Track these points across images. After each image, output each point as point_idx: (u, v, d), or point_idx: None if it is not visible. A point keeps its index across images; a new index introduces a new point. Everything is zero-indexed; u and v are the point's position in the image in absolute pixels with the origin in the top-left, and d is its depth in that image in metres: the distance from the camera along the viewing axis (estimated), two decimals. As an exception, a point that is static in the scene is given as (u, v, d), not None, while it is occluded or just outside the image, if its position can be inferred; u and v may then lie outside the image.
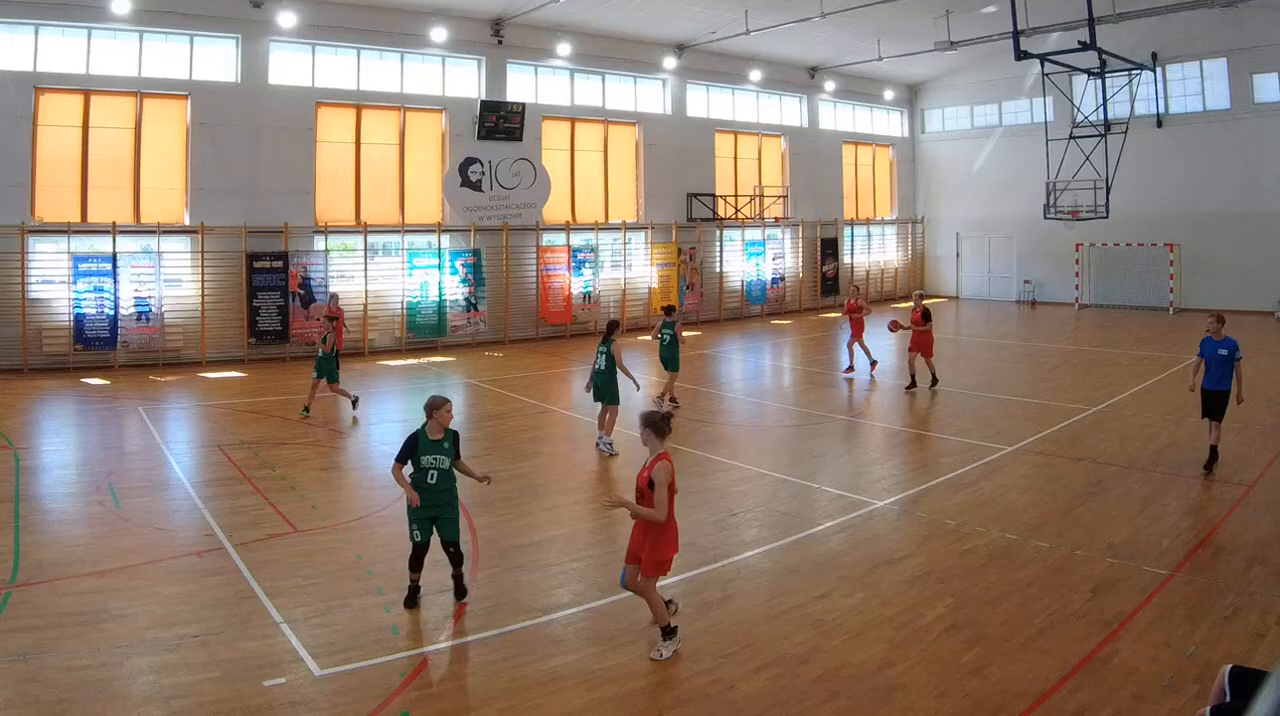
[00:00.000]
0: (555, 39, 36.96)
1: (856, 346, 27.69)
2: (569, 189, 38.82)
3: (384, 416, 22.86)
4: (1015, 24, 28.72)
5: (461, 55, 35.63)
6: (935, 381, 24.36)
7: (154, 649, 9.47)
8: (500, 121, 35.90)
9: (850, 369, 27.52)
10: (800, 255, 46.31)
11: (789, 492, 15.36)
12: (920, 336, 24.28)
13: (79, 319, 28.51)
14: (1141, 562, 11.86)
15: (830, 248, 47.11)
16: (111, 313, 28.77)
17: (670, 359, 22.24)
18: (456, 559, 10.78)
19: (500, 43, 36.00)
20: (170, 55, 30.39)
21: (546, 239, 37.55)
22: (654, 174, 40.74)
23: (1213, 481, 15.68)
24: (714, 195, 42.24)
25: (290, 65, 32.42)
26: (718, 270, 42.88)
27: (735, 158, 44.07)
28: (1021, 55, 29.43)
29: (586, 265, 38.07)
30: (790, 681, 8.92)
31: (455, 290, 34.85)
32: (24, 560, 11.90)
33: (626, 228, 39.65)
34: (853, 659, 9.31)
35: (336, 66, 33.39)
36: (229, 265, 30.83)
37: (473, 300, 35.12)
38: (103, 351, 28.72)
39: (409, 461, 10.70)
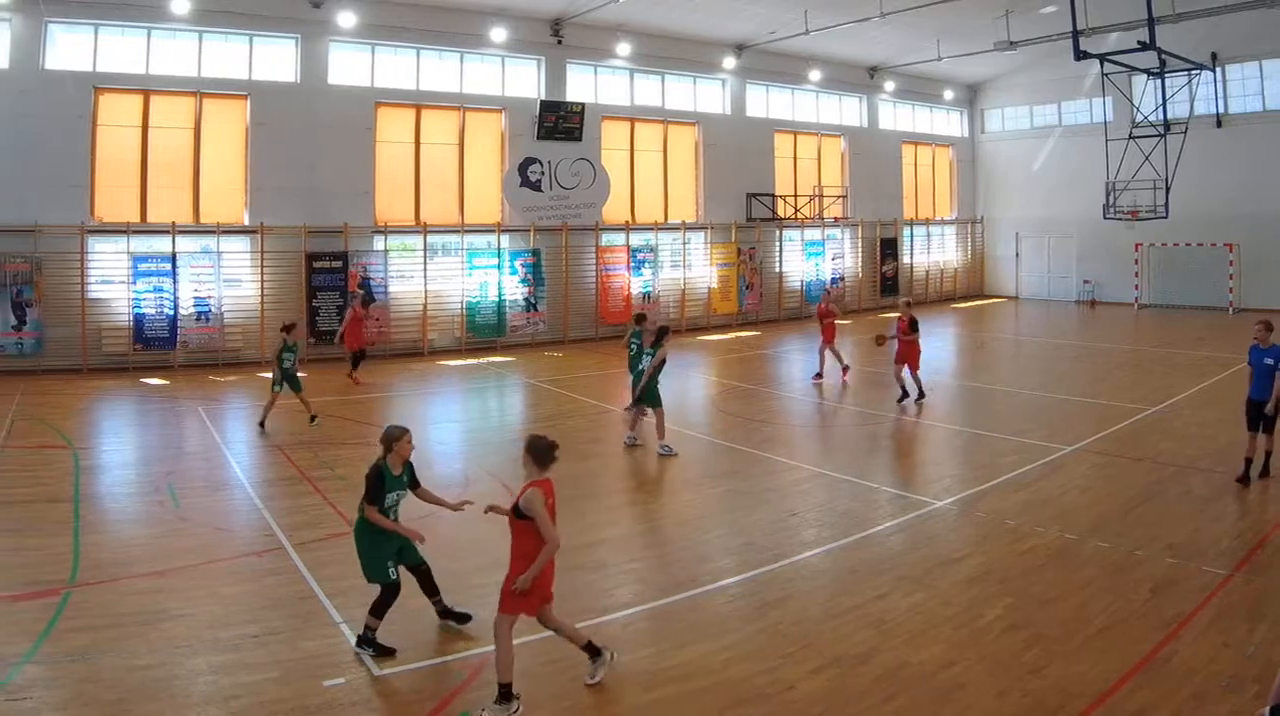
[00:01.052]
0: (615, 39, 35.29)
1: (827, 351, 25.76)
2: (628, 189, 37.11)
3: (444, 416, 21.75)
4: (1075, 24, 27.48)
5: (521, 55, 34.03)
6: (922, 395, 21.81)
7: (213, 648, 9.19)
8: (560, 121, 34.32)
9: (819, 375, 25.43)
10: (859, 255, 44.28)
11: (848, 492, 14.71)
12: (906, 347, 21.89)
13: (138, 319, 27.27)
14: (1201, 562, 11.43)
15: (890, 248, 45.06)
16: (171, 312, 27.50)
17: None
18: (433, 585, 9.92)
19: (560, 43, 34.41)
20: (230, 55, 29.06)
21: (606, 239, 35.91)
22: (713, 174, 38.93)
23: (1270, 482, 14.88)
24: (773, 195, 40.35)
25: (350, 65, 31.00)
26: (777, 270, 41.00)
27: (795, 158, 42.10)
28: (1081, 55, 28.25)
29: (646, 265, 36.45)
30: (850, 681, 8.58)
31: (515, 290, 33.33)
32: (83, 560, 11.51)
33: (686, 228, 37.94)
34: (912, 659, 8.97)
35: (396, 66, 31.92)
36: (288, 265, 29.45)
37: (532, 300, 33.55)
38: (162, 351, 27.45)
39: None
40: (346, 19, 29.81)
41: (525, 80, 34.39)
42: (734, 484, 15.39)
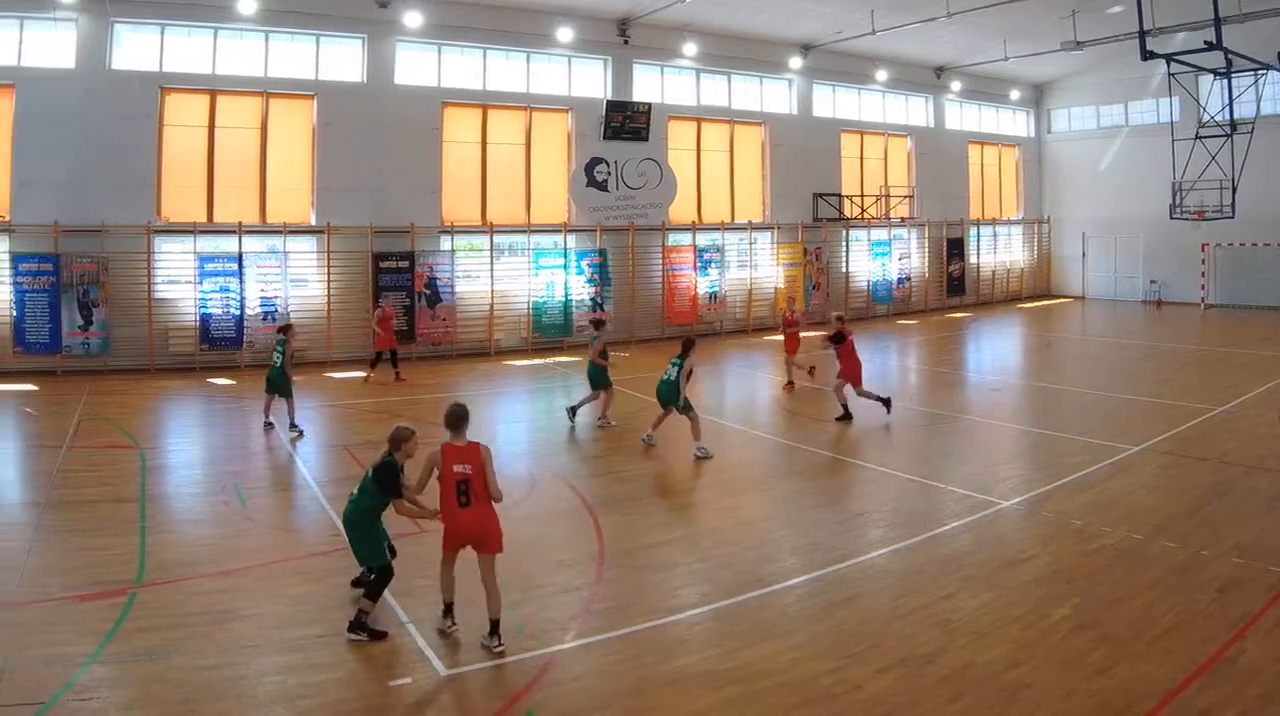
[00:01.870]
0: (681, 39, 33.44)
1: (791, 362, 23.62)
2: (695, 189, 35.19)
3: (510, 416, 20.85)
4: (1141, 24, 25.61)
5: (588, 55, 32.31)
6: (848, 416, 19.25)
7: (280, 648, 8.88)
8: (626, 121, 32.57)
9: (790, 385, 23.28)
10: (926, 255, 42.00)
11: (915, 492, 14.14)
12: (846, 364, 19.56)
13: (205, 319, 25.94)
14: (1268, 562, 10.91)
15: (956, 248, 42.69)
16: (237, 312, 26.14)
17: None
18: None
19: (626, 43, 32.64)
20: (296, 55, 27.65)
21: (672, 239, 34.03)
22: (780, 174, 36.89)
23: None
24: (840, 195, 38.23)
25: (416, 65, 29.46)
26: (844, 270, 38.92)
27: (861, 158, 39.90)
28: (1148, 55, 26.41)
29: (712, 265, 34.54)
30: (916, 681, 8.23)
31: (581, 290, 31.63)
32: (150, 560, 11.09)
33: (752, 228, 35.98)
34: (979, 659, 8.63)
35: (462, 66, 30.32)
36: (355, 265, 27.97)
37: (599, 300, 31.79)
38: (228, 351, 26.07)
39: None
40: (413, 19, 28.33)
41: (592, 80, 32.68)
42: (800, 484, 14.83)
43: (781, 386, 23.17)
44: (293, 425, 18.33)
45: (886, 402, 19.25)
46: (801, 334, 24.00)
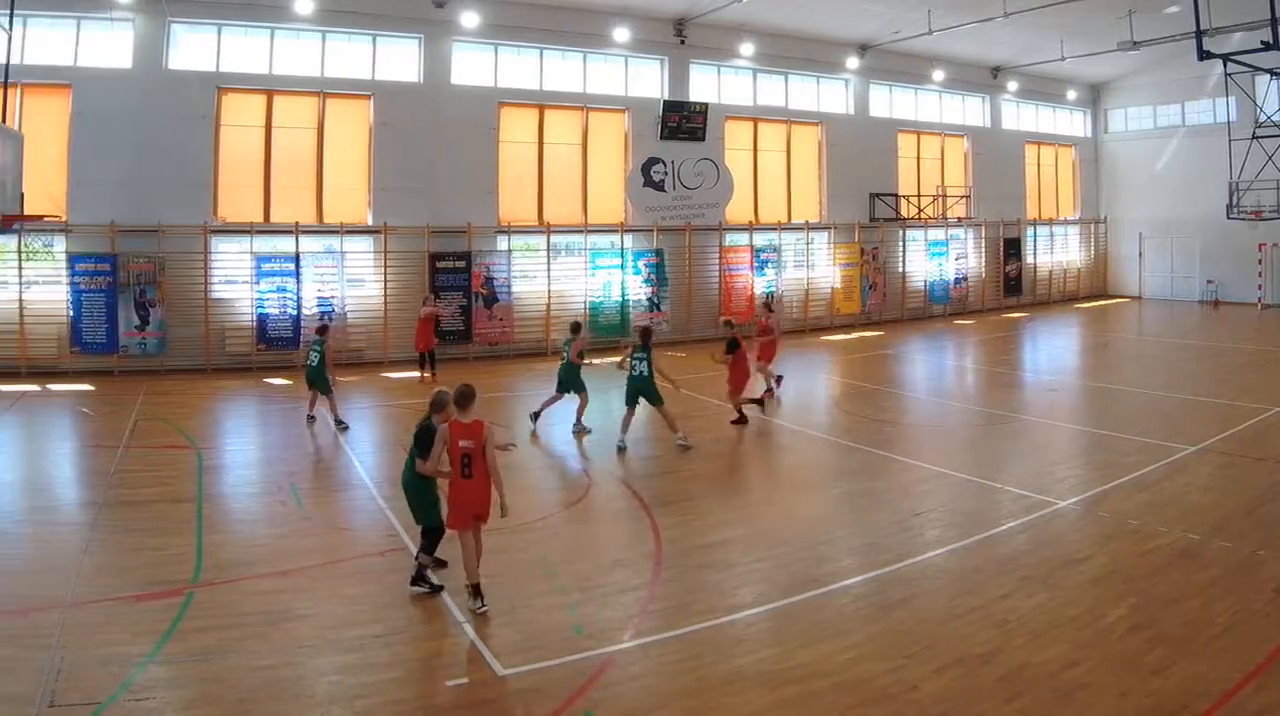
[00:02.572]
0: (738, 39, 31.61)
1: (766, 369, 21.17)
2: (752, 189, 33.30)
3: (567, 417, 18.91)
4: (1198, 24, 24.04)
5: (644, 55, 30.60)
6: (741, 420, 18.16)
7: (337, 648, 8.51)
8: (683, 121, 30.82)
9: (770, 392, 20.68)
10: (983, 255, 39.73)
11: (971, 492, 13.49)
12: (735, 372, 18.39)
13: (262, 319, 24.60)
14: None
15: (1013, 248, 40.37)
16: (294, 312, 24.76)
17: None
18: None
19: (683, 43, 30.86)
20: (353, 55, 26.25)
21: (729, 239, 32.18)
22: (837, 174, 34.85)
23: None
24: (896, 195, 36.08)
25: (473, 65, 27.94)
26: (900, 270, 36.78)
27: (918, 158, 37.70)
28: (1204, 55, 24.81)
29: (769, 265, 32.70)
30: (973, 681, 7.83)
31: (638, 290, 29.96)
32: (206, 560, 10.67)
33: (809, 228, 34.00)
34: (1035, 659, 8.22)
35: (519, 66, 28.75)
36: (412, 265, 26.53)
37: (655, 300, 30.15)
38: (285, 351, 24.66)
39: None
40: (470, 19, 26.84)
41: (648, 80, 30.96)
42: (856, 483, 14.11)
43: (762, 393, 20.74)
44: (338, 421, 17.74)
45: (760, 402, 18.32)
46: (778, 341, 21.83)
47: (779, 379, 21.10)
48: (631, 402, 16.55)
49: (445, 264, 26.76)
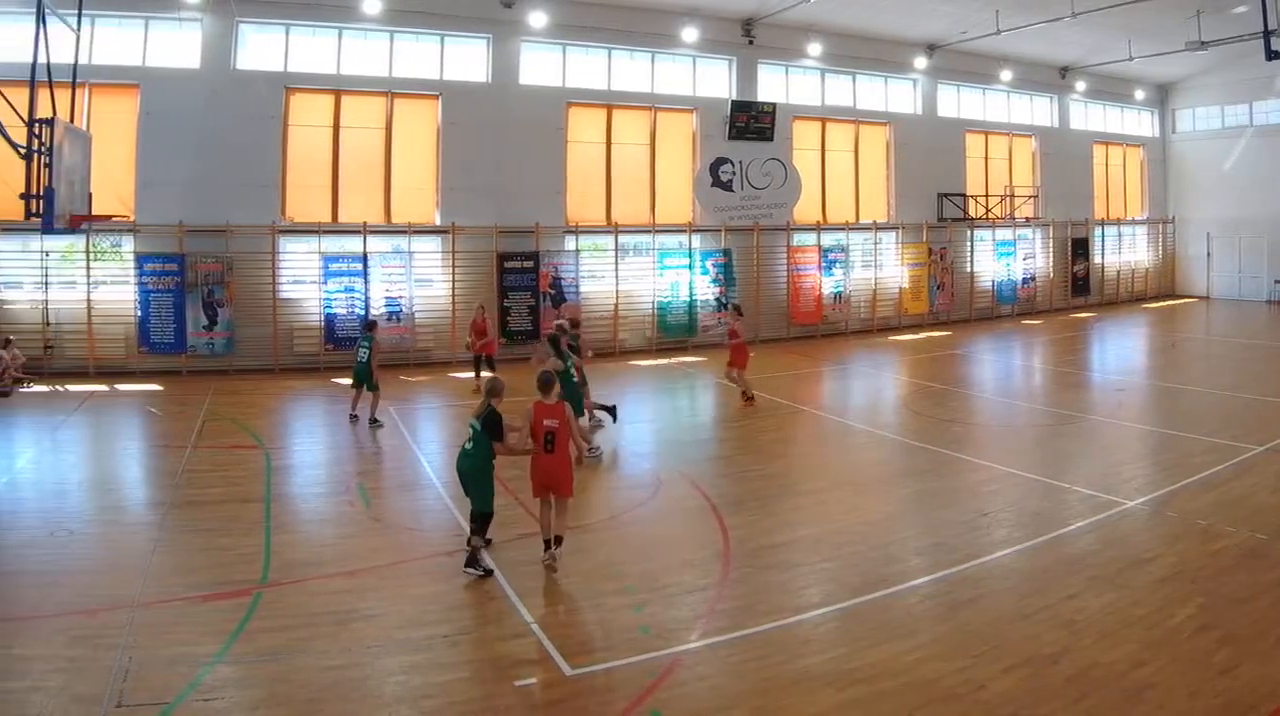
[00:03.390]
0: (806, 39, 29.11)
1: (736, 375, 18.38)
2: (819, 189, 30.74)
3: (635, 416, 17.81)
4: (1266, 23, 23.32)
5: (712, 55, 28.27)
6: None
7: (404, 648, 7.88)
8: (751, 122, 28.47)
9: (751, 399, 18.26)
10: (1051, 255, 36.67)
11: (1039, 492, 12.59)
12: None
13: (329, 319, 22.77)
14: None
15: (1081, 248, 37.25)
16: (362, 312, 22.88)
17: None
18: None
19: (751, 43, 28.51)
20: (421, 55, 24.30)
21: (797, 239, 29.66)
22: (904, 174, 32.16)
23: None
24: (964, 195, 33.32)
25: (541, 65, 25.84)
26: (968, 270, 33.88)
27: (986, 157, 34.77)
28: (1272, 55, 23.89)
29: (837, 265, 30.18)
30: (1041, 681, 7.17)
31: (706, 290, 27.67)
32: (274, 560, 10.01)
33: (877, 228, 31.39)
34: (1103, 659, 7.51)
35: (587, 66, 26.59)
36: (480, 265, 24.52)
37: (724, 300, 27.84)
38: (353, 351, 22.84)
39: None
40: (538, 19, 24.79)
41: (716, 80, 28.61)
42: (924, 483, 13.17)
43: (744, 401, 18.32)
44: (373, 419, 16.62)
45: (612, 410, 16.08)
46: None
47: (750, 399, 18.26)
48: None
49: (513, 264, 24.76)
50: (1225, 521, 11.12)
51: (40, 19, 14.28)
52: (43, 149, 13.42)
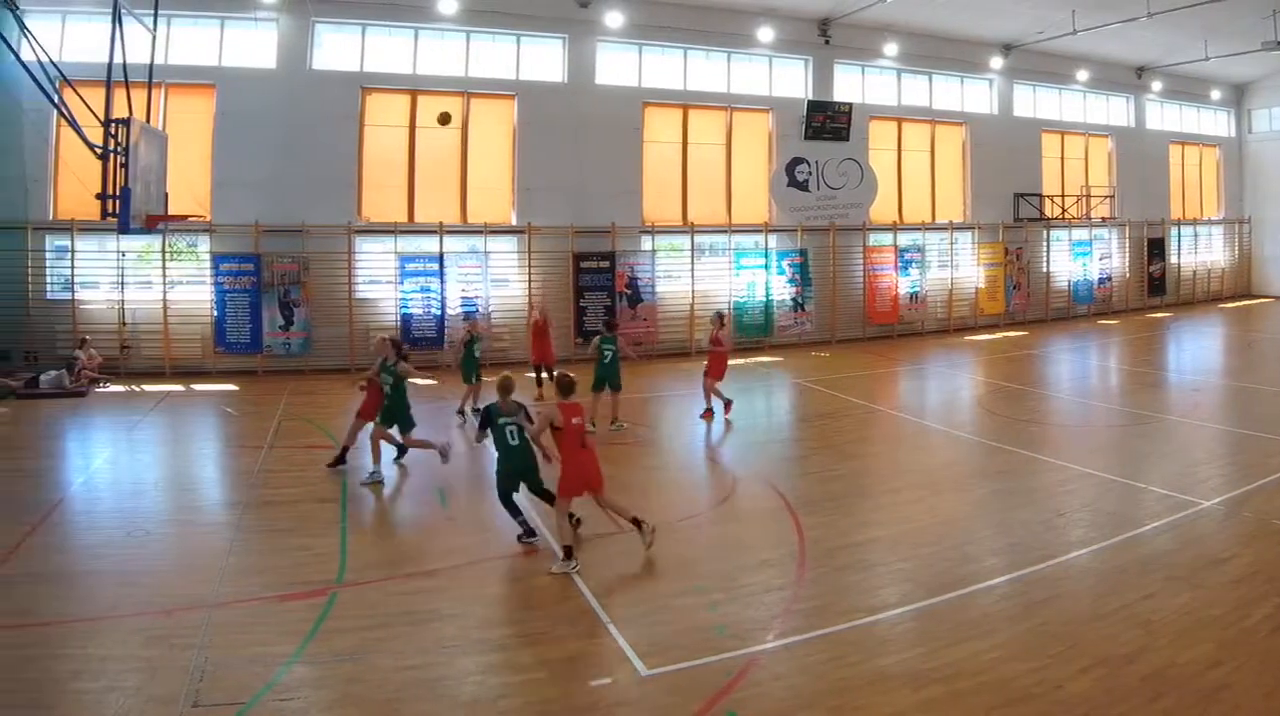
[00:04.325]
0: (882, 39, 26.04)
1: (712, 386, 15.53)
2: (896, 189, 27.54)
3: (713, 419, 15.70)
4: None
5: (788, 55, 25.28)
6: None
7: (480, 648, 7.16)
8: (827, 121, 25.44)
9: (710, 413, 15.45)
10: (1127, 255, 32.75)
11: (1116, 493, 11.17)
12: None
13: (405, 318, 20.44)
14: None
15: (1157, 248, 33.31)
16: (438, 312, 20.59)
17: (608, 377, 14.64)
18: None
19: (827, 43, 25.47)
20: (497, 55, 21.83)
21: (873, 239, 26.56)
22: (980, 174, 28.70)
23: None
24: (1041, 195, 29.81)
25: (616, 65, 23.13)
26: (1044, 270, 30.27)
27: (1062, 157, 31.07)
28: None
29: (913, 265, 27.03)
30: (1117, 681, 6.51)
31: (782, 290, 24.72)
32: (351, 560, 8.95)
33: (953, 228, 28.04)
34: (1179, 658, 6.83)
35: (663, 66, 23.78)
36: (556, 265, 21.98)
37: (800, 300, 24.98)
38: (429, 351, 20.38)
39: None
40: (614, 19, 22.19)
41: (792, 80, 25.62)
42: (1000, 483, 11.86)
43: (705, 415, 15.59)
44: (468, 410, 15.42)
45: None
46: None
47: (728, 403, 15.52)
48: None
49: (589, 264, 22.18)
50: (1303, 521, 9.84)
51: (117, 19, 12.79)
52: (119, 149, 12.13)
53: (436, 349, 20.21)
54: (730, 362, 15.99)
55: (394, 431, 11.78)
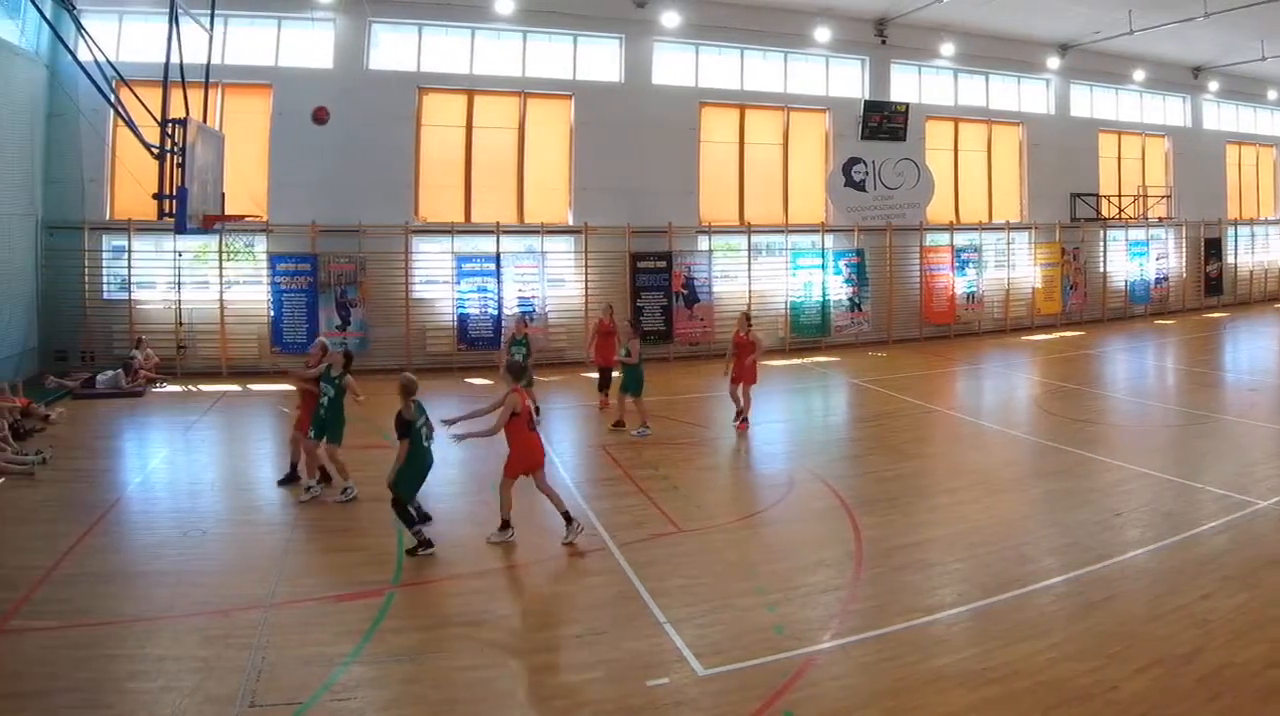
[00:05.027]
0: (938, 39, 23.64)
1: (739, 392, 13.44)
2: (952, 189, 25.11)
3: (767, 417, 14.37)
4: None
5: (845, 55, 23.08)
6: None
7: (537, 649, 6.64)
8: (884, 121, 23.22)
9: (743, 421, 13.37)
10: (1183, 255, 29.87)
11: (1172, 492, 10.07)
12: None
13: (462, 319, 18.75)
14: None
15: (1214, 248, 30.31)
16: (495, 312, 18.85)
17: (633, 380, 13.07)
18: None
19: (884, 42, 23.27)
20: (553, 55, 20.00)
21: (930, 239, 24.18)
22: (1037, 174, 26.14)
23: None
24: (1097, 195, 27.16)
25: (673, 65, 21.14)
26: (1101, 270, 27.58)
27: (1119, 157, 28.36)
28: None
29: (970, 265, 24.66)
30: (1173, 681, 5.94)
31: (839, 290, 22.53)
32: (407, 560, 8.13)
33: (1010, 228, 25.57)
34: (1236, 659, 6.22)
35: (719, 66, 21.72)
36: (612, 265, 20.08)
37: (856, 300, 22.78)
38: (486, 351, 18.60)
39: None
40: (670, 19, 20.24)
41: (849, 80, 23.41)
42: (1057, 483, 10.57)
43: (735, 424, 13.56)
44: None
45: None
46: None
47: (744, 418, 13.51)
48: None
49: (646, 264, 20.26)
50: (1363, 521, 8.68)
51: (173, 19, 11.57)
52: (176, 149, 11.12)
53: (493, 349, 18.35)
54: (786, 363, 14.25)
55: (322, 443, 10.03)
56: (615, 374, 14.10)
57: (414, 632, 6.76)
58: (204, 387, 16.37)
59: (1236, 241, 31.33)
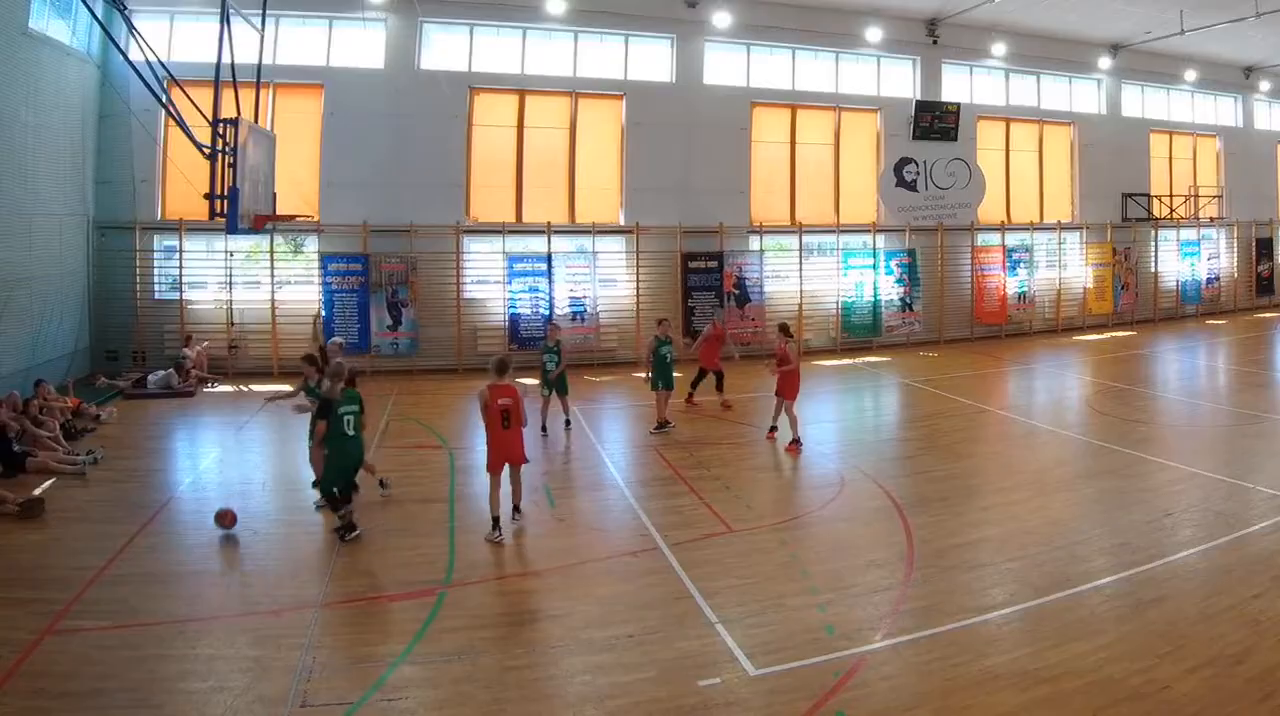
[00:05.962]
0: (990, 39, 20.97)
1: (784, 407, 11.20)
2: (1003, 189, 22.36)
3: (819, 417, 12.92)
4: None
5: (896, 55, 20.51)
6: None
7: (588, 648, 5.88)
8: (935, 121, 20.60)
9: (793, 443, 10.96)
10: (1235, 255, 26.63)
11: (1224, 492, 8.86)
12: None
13: (513, 319, 16.70)
14: None
15: (1265, 248, 26.89)
16: (546, 312, 16.80)
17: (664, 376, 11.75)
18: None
19: (935, 43, 20.69)
20: (605, 55, 17.84)
21: (981, 239, 21.45)
22: (1088, 174, 23.20)
23: None
24: (1149, 195, 24.15)
25: (724, 65, 18.78)
26: (1152, 270, 24.53)
27: (1170, 157, 25.28)
28: None
29: (1021, 265, 21.90)
30: (1225, 681, 5.26)
31: (890, 290, 19.98)
32: (458, 560, 7.29)
33: (1061, 228, 22.72)
34: None
35: (771, 66, 19.31)
36: (663, 265, 17.83)
37: (908, 300, 20.25)
38: (536, 351, 16.69)
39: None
40: (722, 19, 17.95)
41: (900, 80, 20.83)
42: (1108, 483, 9.27)
43: (792, 447, 11.10)
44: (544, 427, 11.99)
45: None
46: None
47: (773, 430, 11.49)
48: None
49: (697, 264, 18.01)
50: None
51: (225, 19, 10.34)
52: (227, 149, 10.06)
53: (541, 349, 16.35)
54: (838, 363, 12.11)
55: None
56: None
57: (465, 632, 6.10)
58: (255, 387, 14.62)
59: (1288, 242, 27.90)
